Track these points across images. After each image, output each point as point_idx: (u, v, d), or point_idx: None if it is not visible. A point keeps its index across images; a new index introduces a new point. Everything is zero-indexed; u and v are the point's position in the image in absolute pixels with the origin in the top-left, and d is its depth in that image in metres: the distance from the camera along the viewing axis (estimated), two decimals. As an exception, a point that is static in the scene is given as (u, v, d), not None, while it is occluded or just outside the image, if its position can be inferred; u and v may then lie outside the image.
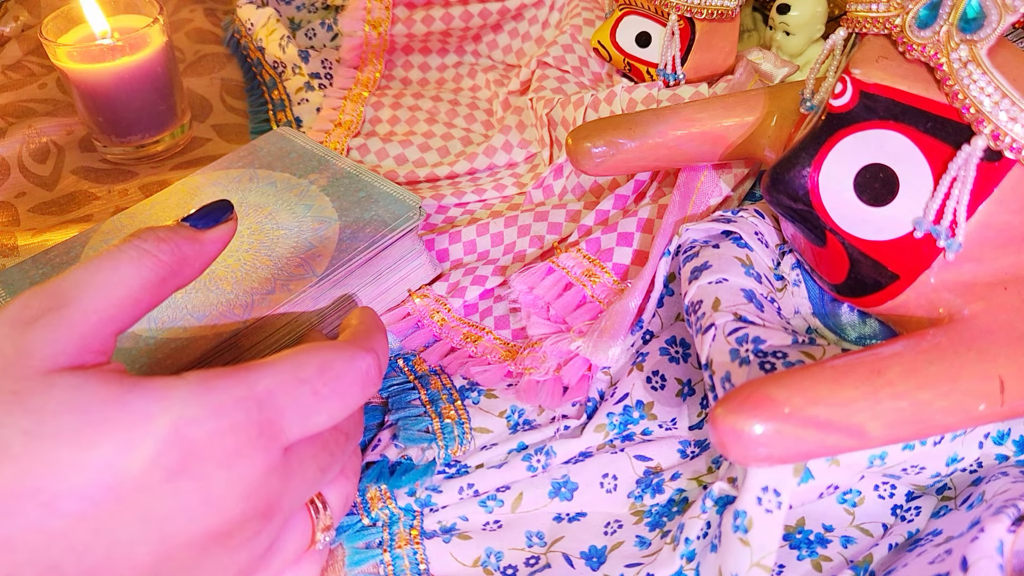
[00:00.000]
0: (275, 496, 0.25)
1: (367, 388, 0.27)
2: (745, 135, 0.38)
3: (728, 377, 0.29)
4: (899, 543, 0.30)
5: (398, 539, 0.33)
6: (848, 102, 0.30)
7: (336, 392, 0.26)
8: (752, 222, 0.36)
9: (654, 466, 0.34)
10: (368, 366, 0.27)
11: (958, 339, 0.28)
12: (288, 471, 0.25)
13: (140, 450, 0.22)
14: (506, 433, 0.37)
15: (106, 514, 0.22)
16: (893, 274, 0.30)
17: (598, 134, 0.39)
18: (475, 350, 0.40)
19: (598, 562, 0.32)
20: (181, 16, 0.68)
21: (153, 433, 0.22)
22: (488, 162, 0.51)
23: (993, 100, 0.27)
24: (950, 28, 0.28)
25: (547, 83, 0.51)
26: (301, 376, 0.25)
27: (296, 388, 0.25)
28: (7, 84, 0.60)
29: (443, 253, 0.45)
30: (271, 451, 0.24)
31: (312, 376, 0.26)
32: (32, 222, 0.50)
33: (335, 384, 0.26)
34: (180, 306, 0.36)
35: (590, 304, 0.39)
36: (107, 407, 0.22)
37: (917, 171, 0.29)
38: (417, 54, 0.60)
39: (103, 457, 0.22)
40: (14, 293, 0.37)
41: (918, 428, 0.27)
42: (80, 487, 0.22)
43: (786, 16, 0.50)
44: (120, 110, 0.51)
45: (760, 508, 0.27)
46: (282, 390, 0.25)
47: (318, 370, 0.26)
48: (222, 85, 0.61)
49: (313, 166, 0.44)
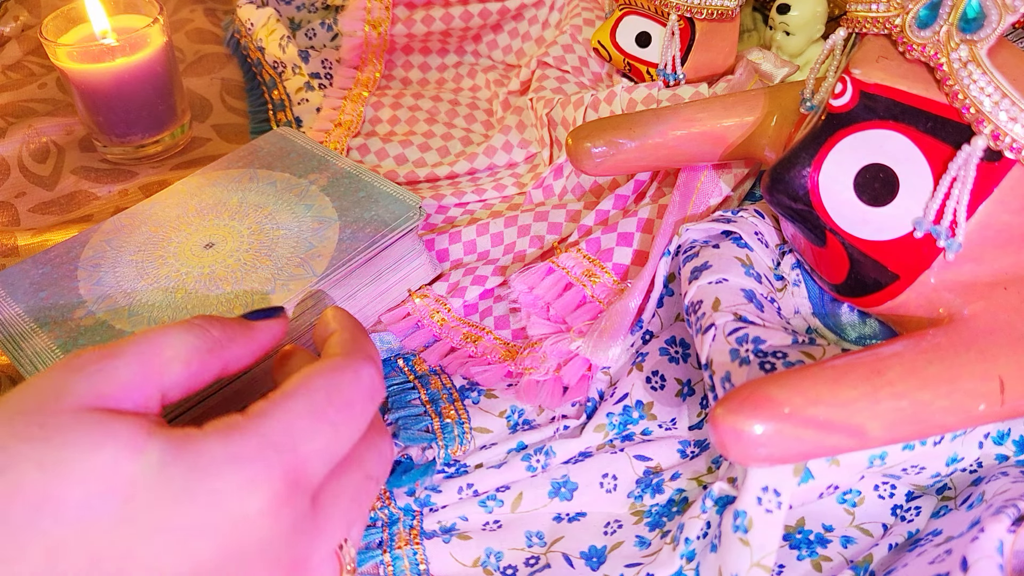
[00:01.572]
0: (305, 550, 0.24)
1: (376, 399, 0.27)
2: (745, 135, 0.38)
3: (728, 377, 0.29)
4: (899, 543, 0.30)
5: (398, 539, 0.33)
6: (848, 102, 0.30)
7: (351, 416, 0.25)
8: (752, 222, 0.36)
9: (654, 466, 0.34)
10: (371, 377, 0.27)
11: (958, 339, 0.28)
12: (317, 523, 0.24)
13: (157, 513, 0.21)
14: (506, 433, 0.37)
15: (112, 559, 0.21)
16: (893, 274, 0.30)
17: (598, 134, 0.39)
18: (475, 350, 0.40)
19: (598, 562, 0.32)
20: (181, 16, 0.68)
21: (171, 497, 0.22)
22: (488, 162, 0.51)
23: (993, 100, 0.27)
24: (950, 28, 0.28)
25: (547, 83, 0.51)
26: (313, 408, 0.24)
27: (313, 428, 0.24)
28: (7, 84, 0.60)
29: (443, 253, 0.45)
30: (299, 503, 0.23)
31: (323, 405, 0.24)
32: (32, 222, 0.50)
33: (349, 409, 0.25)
34: (181, 307, 0.36)
35: (590, 304, 0.39)
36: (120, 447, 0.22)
37: (917, 171, 0.29)
38: (417, 54, 0.60)
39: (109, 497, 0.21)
40: (14, 293, 0.37)
41: (918, 428, 0.27)
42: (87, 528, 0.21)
43: (786, 16, 0.50)
44: (120, 110, 0.51)
45: (760, 508, 0.27)
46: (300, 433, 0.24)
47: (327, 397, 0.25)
48: (222, 85, 0.61)
49: (313, 166, 0.44)
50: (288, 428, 0.23)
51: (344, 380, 0.26)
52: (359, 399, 0.26)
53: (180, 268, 0.38)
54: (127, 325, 0.36)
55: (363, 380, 0.26)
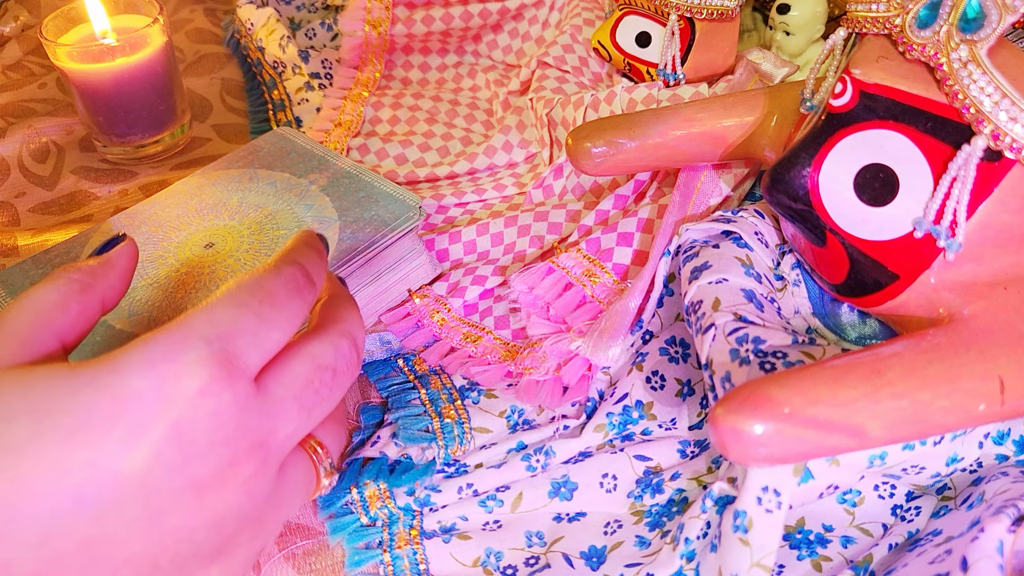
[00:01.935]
0: (258, 433, 0.25)
1: (303, 294, 0.28)
2: (745, 135, 0.38)
3: (728, 377, 0.29)
4: (899, 543, 0.30)
5: (398, 539, 0.33)
6: (848, 102, 0.30)
7: (274, 305, 0.27)
8: (752, 222, 0.36)
9: (654, 466, 0.34)
10: (294, 272, 0.28)
11: (958, 339, 0.28)
12: (266, 406, 0.26)
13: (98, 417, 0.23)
14: (506, 433, 0.37)
15: (89, 490, 0.22)
16: (893, 274, 0.30)
17: (598, 134, 0.39)
18: (475, 350, 0.40)
19: (598, 562, 0.32)
20: (181, 16, 0.68)
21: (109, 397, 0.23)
22: (488, 162, 0.51)
23: (993, 100, 0.27)
24: (950, 28, 0.28)
25: (547, 83, 0.51)
26: (235, 304, 0.26)
27: (235, 315, 0.26)
28: (7, 84, 0.60)
29: (443, 253, 0.45)
30: (237, 383, 0.25)
31: (247, 299, 0.26)
32: (32, 222, 0.50)
33: (271, 298, 0.27)
34: (180, 307, 0.36)
35: (590, 304, 0.39)
36: (56, 386, 0.23)
37: (917, 171, 0.29)
38: (417, 54, 0.60)
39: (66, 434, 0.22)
40: (14, 293, 0.37)
41: (918, 428, 0.27)
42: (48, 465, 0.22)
43: (786, 16, 0.50)
44: (120, 110, 0.51)
45: (760, 508, 0.27)
46: (223, 321, 0.25)
47: (250, 293, 0.26)
48: (222, 85, 0.61)
49: (313, 166, 0.44)
50: (211, 319, 0.25)
51: (265, 277, 0.27)
52: (281, 290, 0.27)
53: (180, 268, 0.38)
54: (127, 325, 0.36)
55: (284, 273, 0.28)
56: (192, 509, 0.24)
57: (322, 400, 0.28)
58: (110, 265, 0.30)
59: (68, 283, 0.28)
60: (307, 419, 0.27)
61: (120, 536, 0.23)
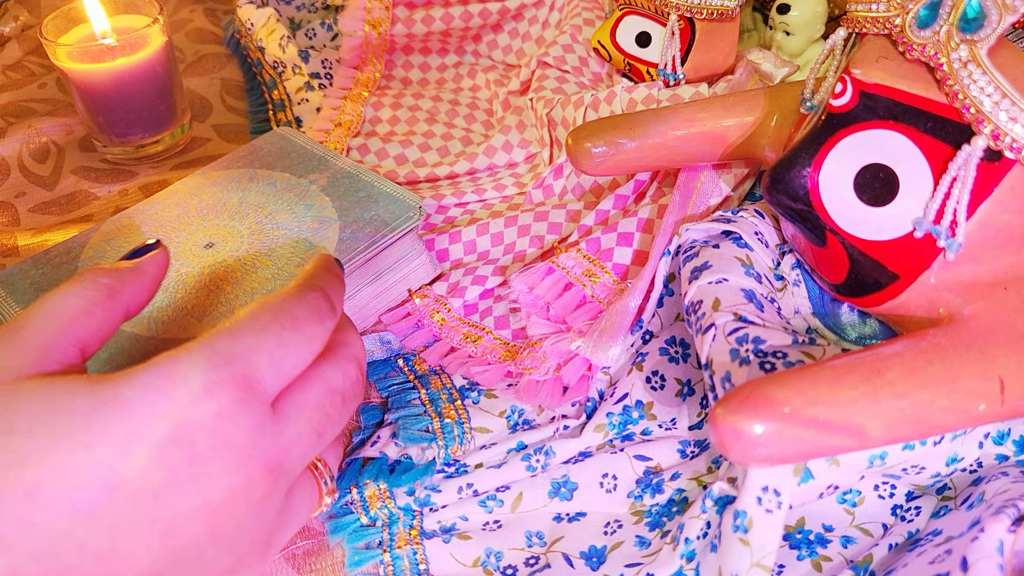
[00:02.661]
0: (272, 456, 0.25)
1: (324, 320, 0.28)
2: (745, 135, 0.38)
3: (728, 377, 0.29)
4: (899, 543, 0.30)
5: (398, 539, 0.33)
6: (848, 102, 0.30)
7: (296, 331, 0.27)
8: (752, 222, 0.36)
9: (654, 466, 0.34)
10: (318, 300, 0.28)
11: (958, 339, 0.28)
12: (280, 430, 0.26)
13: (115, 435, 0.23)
14: (506, 433, 0.37)
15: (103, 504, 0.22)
16: (893, 274, 0.30)
17: (598, 134, 0.39)
18: (475, 350, 0.40)
19: (598, 562, 0.32)
20: (181, 16, 0.68)
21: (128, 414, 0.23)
22: (488, 162, 0.51)
23: (993, 100, 0.27)
24: (950, 28, 0.28)
25: (547, 83, 0.51)
26: (259, 327, 0.26)
27: (258, 339, 0.26)
28: (7, 84, 0.60)
29: (443, 253, 0.45)
30: (254, 407, 0.25)
31: (269, 323, 0.26)
32: (32, 222, 0.50)
33: (293, 324, 0.27)
34: (181, 307, 0.36)
35: (590, 304, 0.39)
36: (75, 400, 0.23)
37: (917, 171, 0.29)
38: (417, 54, 0.60)
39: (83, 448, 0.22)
40: (14, 293, 0.37)
41: (918, 428, 0.27)
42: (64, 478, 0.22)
43: (786, 16, 0.50)
44: (120, 110, 0.51)
45: (760, 508, 0.27)
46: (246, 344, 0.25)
47: (273, 317, 0.27)
48: (222, 85, 0.61)
49: (313, 166, 0.44)
50: (234, 341, 0.25)
51: (289, 301, 0.28)
52: (303, 316, 0.27)
53: (180, 268, 0.38)
54: (127, 325, 0.36)
55: (308, 299, 0.28)
56: (204, 528, 0.24)
57: (332, 424, 0.28)
58: (139, 272, 0.29)
59: (96, 288, 0.27)
60: (318, 443, 0.27)
61: (131, 551, 0.23)
